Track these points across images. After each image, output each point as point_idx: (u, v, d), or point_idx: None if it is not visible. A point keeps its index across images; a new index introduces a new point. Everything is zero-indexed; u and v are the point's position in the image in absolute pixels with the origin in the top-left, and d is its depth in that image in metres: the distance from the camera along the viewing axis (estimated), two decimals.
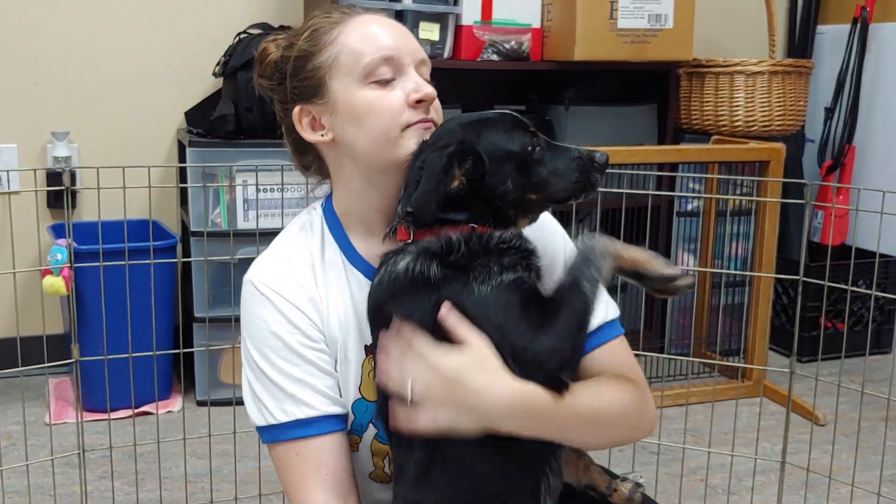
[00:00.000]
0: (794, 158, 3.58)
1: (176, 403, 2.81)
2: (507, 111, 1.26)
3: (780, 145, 2.88)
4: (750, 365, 2.95)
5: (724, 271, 3.15)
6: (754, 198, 2.97)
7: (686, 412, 2.32)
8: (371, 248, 1.31)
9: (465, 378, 1.13)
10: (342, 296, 1.31)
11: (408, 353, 1.16)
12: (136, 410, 2.50)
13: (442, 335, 1.15)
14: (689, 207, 3.28)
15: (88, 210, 3.04)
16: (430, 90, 1.25)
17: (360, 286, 1.31)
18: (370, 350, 1.30)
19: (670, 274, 1.22)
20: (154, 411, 2.66)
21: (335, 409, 1.28)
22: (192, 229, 2.74)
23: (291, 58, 1.29)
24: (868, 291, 1.96)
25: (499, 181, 1.20)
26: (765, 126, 3.10)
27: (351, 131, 1.26)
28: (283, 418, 1.26)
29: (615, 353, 1.33)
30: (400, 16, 2.91)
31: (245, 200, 2.71)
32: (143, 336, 2.34)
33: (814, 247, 3.47)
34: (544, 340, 1.14)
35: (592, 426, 1.21)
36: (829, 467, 2.03)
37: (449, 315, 1.14)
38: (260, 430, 1.29)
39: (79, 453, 1.95)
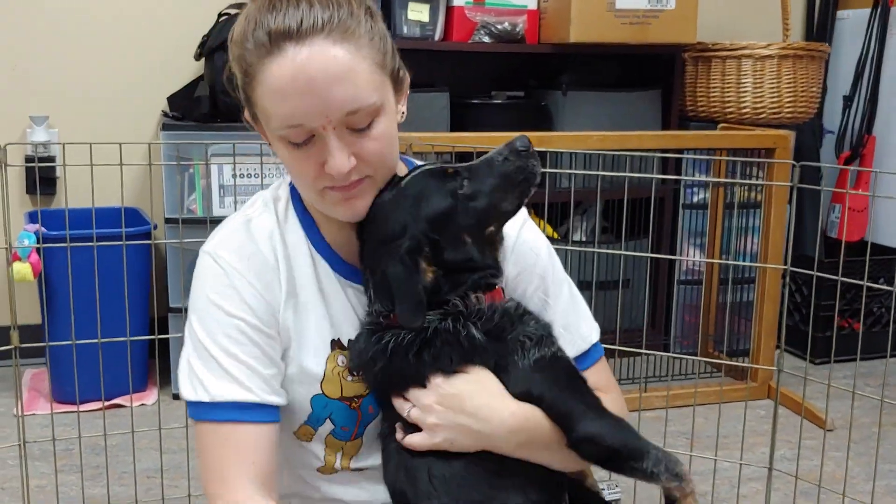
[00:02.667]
0: (811, 150, 3.40)
1: (151, 396, 2.71)
2: (421, 166, 1.21)
3: (787, 132, 2.71)
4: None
5: (722, 261, 2.99)
6: (753, 181, 2.81)
7: (666, 414, 2.16)
8: (336, 236, 1.25)
9: (465, 400, 1.15)
10: (307, 282, 1.24)
11: None
12: (107, 403, 2.42)
13: None
14: (696, 199, 3.12)
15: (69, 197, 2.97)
16: (339, 168, 1.11)
17: (328, 277, 1.25)
18: (338, 345, 1.25)
19: None
20: (127, 404, 2.58)
21: (274, 399, 1.20)
22: (167, 216, 2.64)
23: (230, 74, 1.18)
24: (859, 282, 1.80)
25: (458, 244, 1.17)
26: (774, 113, 2.93)
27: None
28: (219, 397, 1.17)
29: (601, 373, 1.35)
30: None
31: (221, 186, 2.61)
32: (115, 326, 2.26)
33: (830, 242, 3.29)
34: (592, 424, 1.18)
35: None
36: (820, 475, 1.88)
37: None
38: (190, 404, 1.19)
39: (19, 444, 1.86)
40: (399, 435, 1.19)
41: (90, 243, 2.04)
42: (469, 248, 1.17)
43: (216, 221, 2.47)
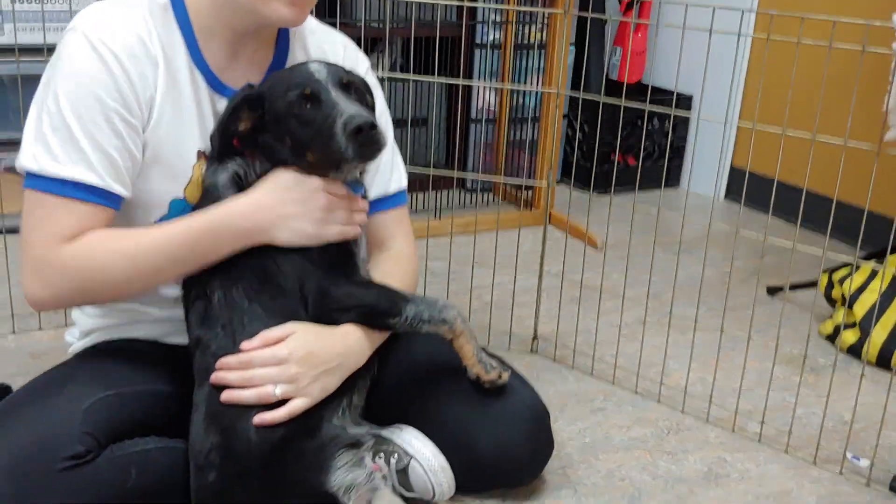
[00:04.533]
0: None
1: None
2: (315, 61, 1.34)
3: None
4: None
5: (507, 86, 3.16)
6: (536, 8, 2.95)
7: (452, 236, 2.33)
8: (214, 54, 1.35)
9: (314, 349, 1.27)
10: (185, 87, 1.32)
11: (251, 367, 1.26)
12: None
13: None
14: (490, 39, 3.25)
15: None
16: None
17: (203, 90, 1.35)
18: (203, 155, 1.37)
19: (485, 379, 1.43)
20: None
21: (118, 188, 1.27)
22: None
23: None
24: (617, 102, 1.99)
25: (277, 133, 1.31)
26: None
27: None
28: (68, 177, 1.23)
29: (402, 219, 1.55)
30: None
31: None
32: None
33: (611, 84, 3.53)
34: (345, 286, 1.34)
35: None
36: (580, 282, 2.11)
37: (254, 343, 1.28)
38: (32, 175, 1.25)
39: None
40: (266, 417, 1.25)
41: None
42: (284, 146, 1.31)
43: None
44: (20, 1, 2.42)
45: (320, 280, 1.32)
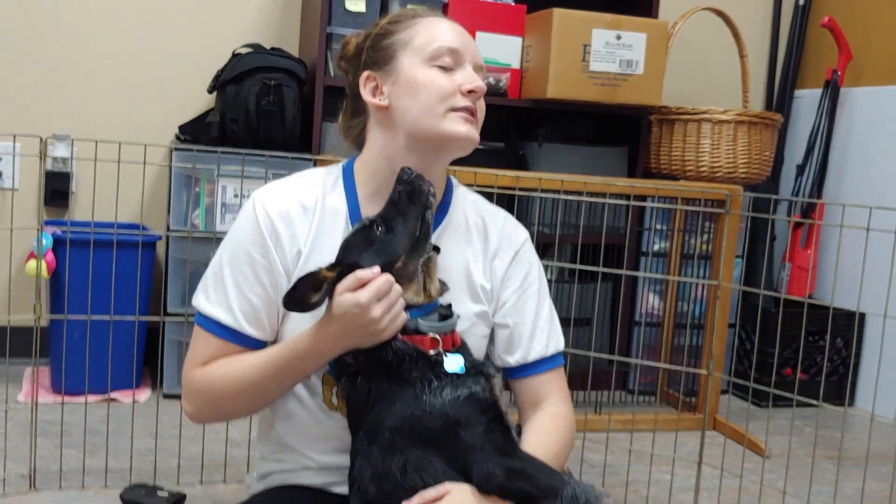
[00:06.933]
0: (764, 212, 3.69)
1: (144, 394, 2.92)
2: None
3: (738, 186, 3.00)
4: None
5: (673, 278, 3.23)
6: (712, 210, 3.07)
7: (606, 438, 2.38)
8: (374, 209, 1.50)
9: None
10: (335, 242, 1.48)
11: None
12: (102, 396, 2.62)
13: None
14: (656, 248, 3.40)
15: (82, 210, 3.22)
16: (480, 84, 1.47)
17: None
18: None
19: None
20: (120, 398, 2.77)
21: (251, 331, 1.49)
22: (172, 228, 2.90)
23: (373, 34, 1.53)
24: (800, 300, 2.05)
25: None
26: (730, 172, 3.23)
27: (405, 101, 1.46)
28: (212, 314, 1.49)
29: (558, 379, 1.61)
30: None
31: (223, 204, 2.86)
32: (116, 325, 2.48)
33: (781, 298, 3.56)
34: (506, 466, 1.35)
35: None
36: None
37: (413, 501, 1.34)
38: (197, 310, 1.52)
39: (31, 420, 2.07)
40: None
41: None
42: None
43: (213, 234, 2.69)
44: (244, 196, 2.79)
45: (483, 461, 1.36)
